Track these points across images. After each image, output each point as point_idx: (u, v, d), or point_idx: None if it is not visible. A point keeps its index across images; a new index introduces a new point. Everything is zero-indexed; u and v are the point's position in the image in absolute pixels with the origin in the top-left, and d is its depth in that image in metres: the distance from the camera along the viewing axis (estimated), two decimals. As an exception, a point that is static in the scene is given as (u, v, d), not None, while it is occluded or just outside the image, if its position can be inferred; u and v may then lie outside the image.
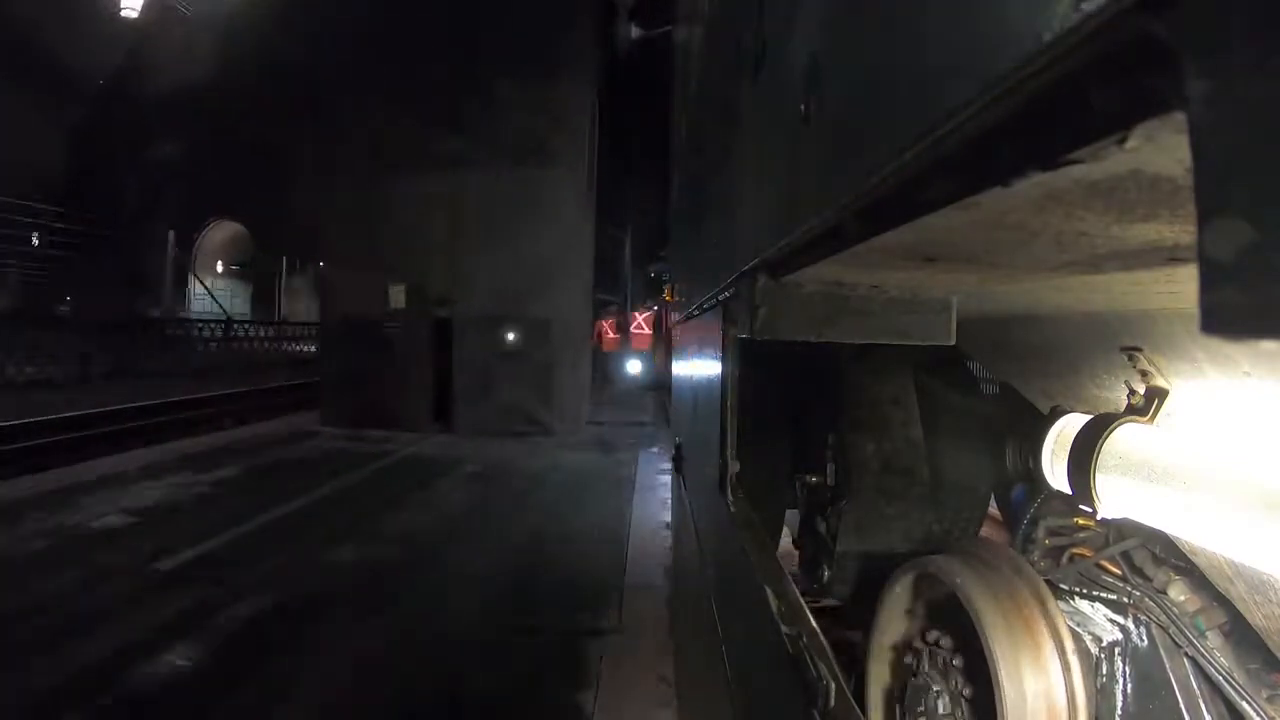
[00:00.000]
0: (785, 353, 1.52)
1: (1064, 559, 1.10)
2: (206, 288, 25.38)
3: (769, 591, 0.95)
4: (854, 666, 1.16)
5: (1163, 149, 0.25)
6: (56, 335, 15.35)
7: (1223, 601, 0.93)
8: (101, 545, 4.22)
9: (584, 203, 9.58)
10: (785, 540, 1.89)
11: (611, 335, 16.51)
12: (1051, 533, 1.12)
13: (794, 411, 1.73)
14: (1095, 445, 0.77)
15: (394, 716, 2.56)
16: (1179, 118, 0.21)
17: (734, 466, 1.36)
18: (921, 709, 1.00)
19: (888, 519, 1.43)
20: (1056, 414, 0.91)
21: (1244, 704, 0.88)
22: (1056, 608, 0.91)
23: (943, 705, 0.97)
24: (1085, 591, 1.06)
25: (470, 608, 3.46)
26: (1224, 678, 0.90)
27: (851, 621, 1.43)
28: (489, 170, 8.54)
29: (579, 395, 9.72)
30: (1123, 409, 0.80)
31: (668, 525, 4.52)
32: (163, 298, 23.83)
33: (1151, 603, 0.97)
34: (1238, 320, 0.19)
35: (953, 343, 0.88)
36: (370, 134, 8.94)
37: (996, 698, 0.84)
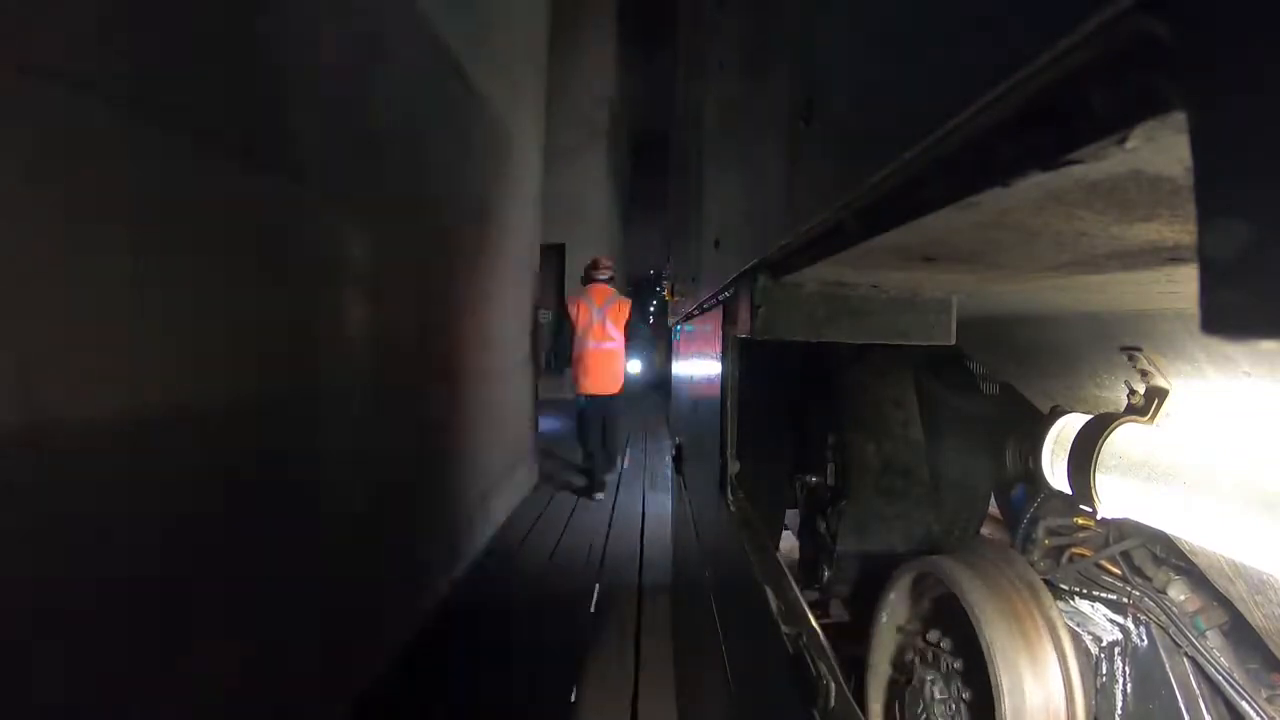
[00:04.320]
0: (785, 353, 1.52)
1: (1064, 559, 1.10)
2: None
3: (769, 591, 0.95)
4: (854, 666, 1.16)
5: (1163, 149, 0.25)
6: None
7: (1223, 601, 0.93)
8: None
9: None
10: (785, 540, 1.89)
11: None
12: (1051, 533, 1.12)
13: (794, 411, 1.73)
14: (1095, 445, 0.77)
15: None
16: (1179, 118, 0.21)
17: (734, 466, 1.36)
18: (921, 709, 1.00)
19: (888, 519, 1.43)
20: (1056, 414, 0.91)
21: (1244, 704, 0.88)
22: (1056, 608, 0.91)
23: (942, 705, 0.97)
24: (1085, 591, 1.06)
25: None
26: (1224, 678, 0.90)
27: (852, 621, 1.43)
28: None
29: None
30: (1123, 409, 0.79)
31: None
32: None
33: (1151, 603, 0.97)
34: (1238, 320, 0.19)
35: (953, 343, 0.88)
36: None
37: (995, 697, 0.84)
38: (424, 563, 3.19)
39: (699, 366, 1.96)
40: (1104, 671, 1.00)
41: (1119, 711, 0.99)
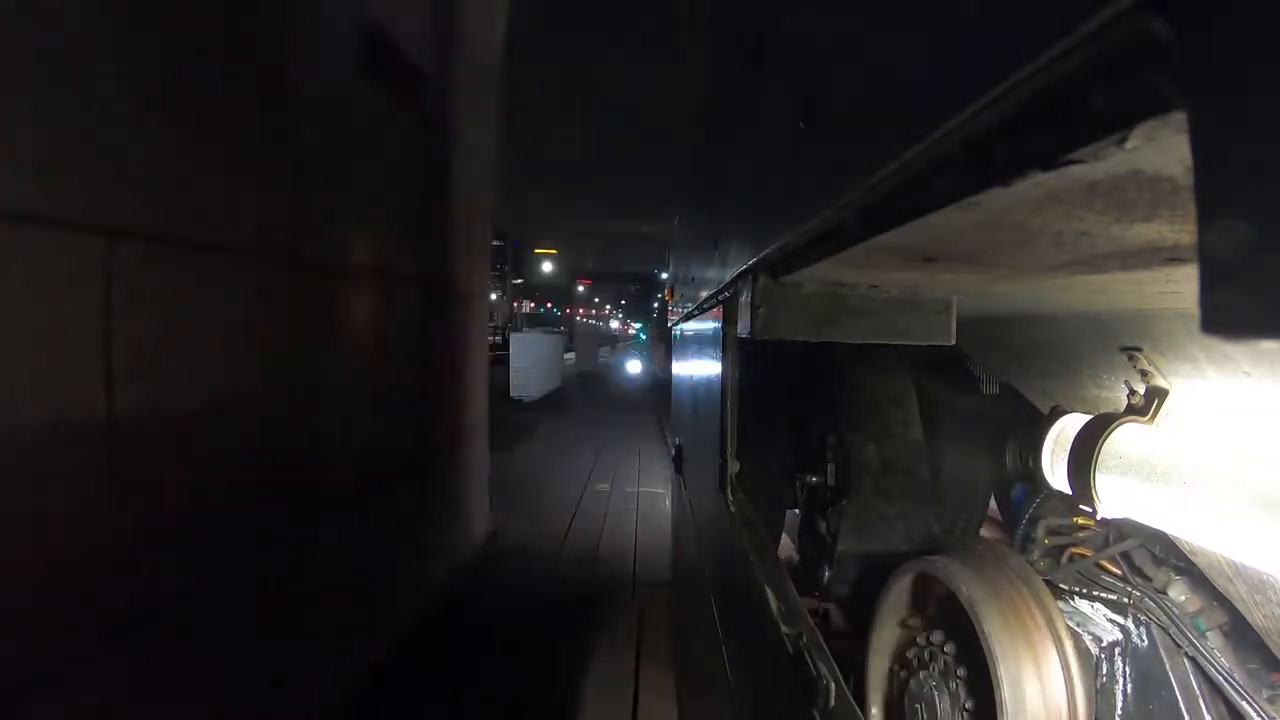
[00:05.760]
0: (785, 353, 1.52)
1: (1064, 559, 1.10)
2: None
3: (769, 591, 0.95)
4: (854, 666, 1.16)
5: (1163, 149, 0.25)
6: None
7: (1223, 601, 0.93)
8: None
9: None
10: (785, 540, 1.89)
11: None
12: (1051, 533, 1.12)
13: (794, 411, 1.73)
14: (1095, 445, 0.77)
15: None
16: (1179, 118, 0.21)
17: (734, 466, 1.36)
18: (921, 708, 1.00)
19: (888, 519, 1.43)
20: (1056, 414, 0.91)
21: (1244, 704, 0.88)
22: (1056, 608, 0.91)
23: (942, 705, 0.97)
24: (1085, 591, 1.06)
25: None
26: (1224, 678, 0.90)
27: (852, 622, 1.43)
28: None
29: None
30: (1123, 409, 0.80)
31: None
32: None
33: (1151, 603, 0.97)
34: (1238, 320, 0.19)
35: (953, 343, 0.88)
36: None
37: (996, 698, 0.84)
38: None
39: (699, 367, 1.96)
40: (1104, 671, 1.00)
41: (1119, 711, 0.99)
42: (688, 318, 2.29)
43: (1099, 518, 0.81)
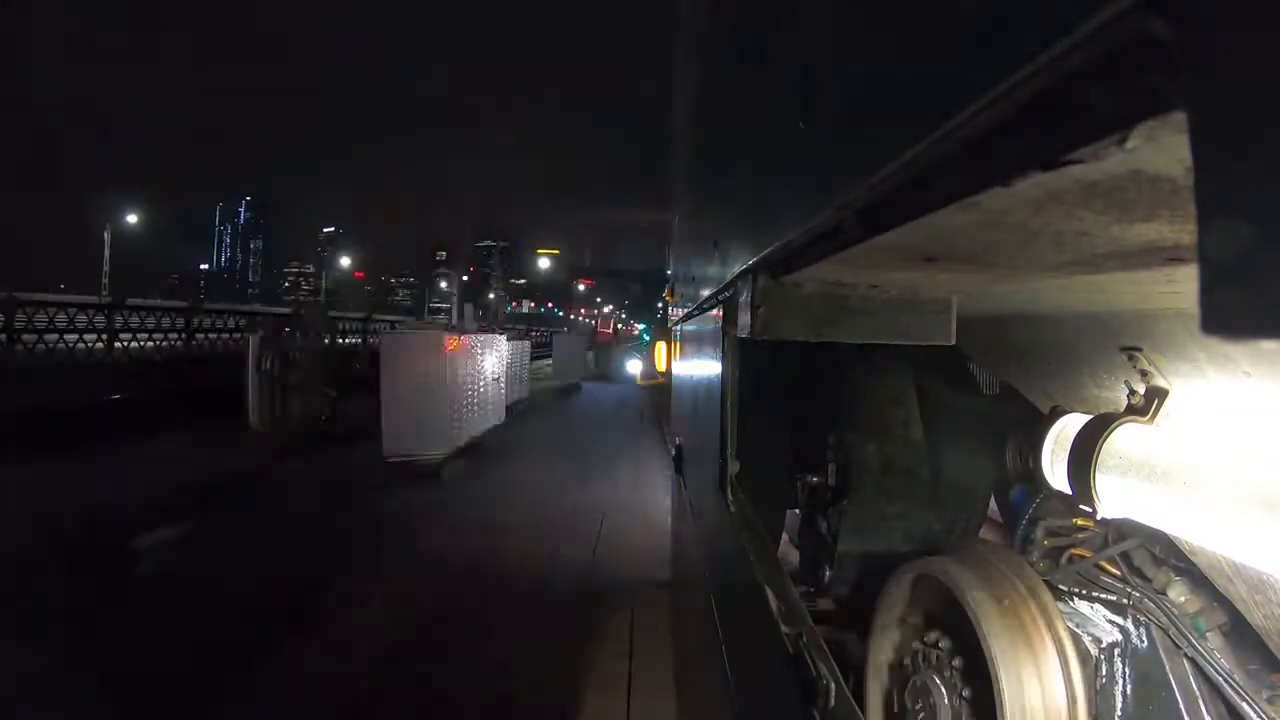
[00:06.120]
0: (785, 353, 1.52)
1: (1063, 559, 1.10)
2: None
3: (769, 591, 0.95)
4: (854, 667, 1.16)
5: (1163, 149, 0.25)
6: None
7: (1223, 601, 0.93)
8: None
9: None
10: (785, 540, 1.89)
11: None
12: (1051, 533, 1.11)
13: (794, 411, 1.73)
14: (1095, 445, 0.77)
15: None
16: (1179, 118, 0.21)
17: (734, 466, 1.36)
18: (921, 709, 1.00)
19: (888, 519, 1.43)
20: (1056, 414, 0.91)
21: (1244, 704, 0.88)
22: (1056, 608, 0.91)
23: (942, 705, 0.97)
24: (1085, 592, 1.06)
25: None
26: (1224, 678, 0.90)
27: (852, 622, 1.43)
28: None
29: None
30: (1123, 409, 0.79)
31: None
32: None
33: (1151, 603, 0.97)
34: (1238, 320, 0.19)
35: (953, 343, 0.88)
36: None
37: (996, 698, 0.84)
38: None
39: (699, 367, 1.96)
40: (1104, 672, 1.00)
41: (1119, 712, 0.98)
42: (688, 318, 2.29)
43: (1099, 518, 0.81)
